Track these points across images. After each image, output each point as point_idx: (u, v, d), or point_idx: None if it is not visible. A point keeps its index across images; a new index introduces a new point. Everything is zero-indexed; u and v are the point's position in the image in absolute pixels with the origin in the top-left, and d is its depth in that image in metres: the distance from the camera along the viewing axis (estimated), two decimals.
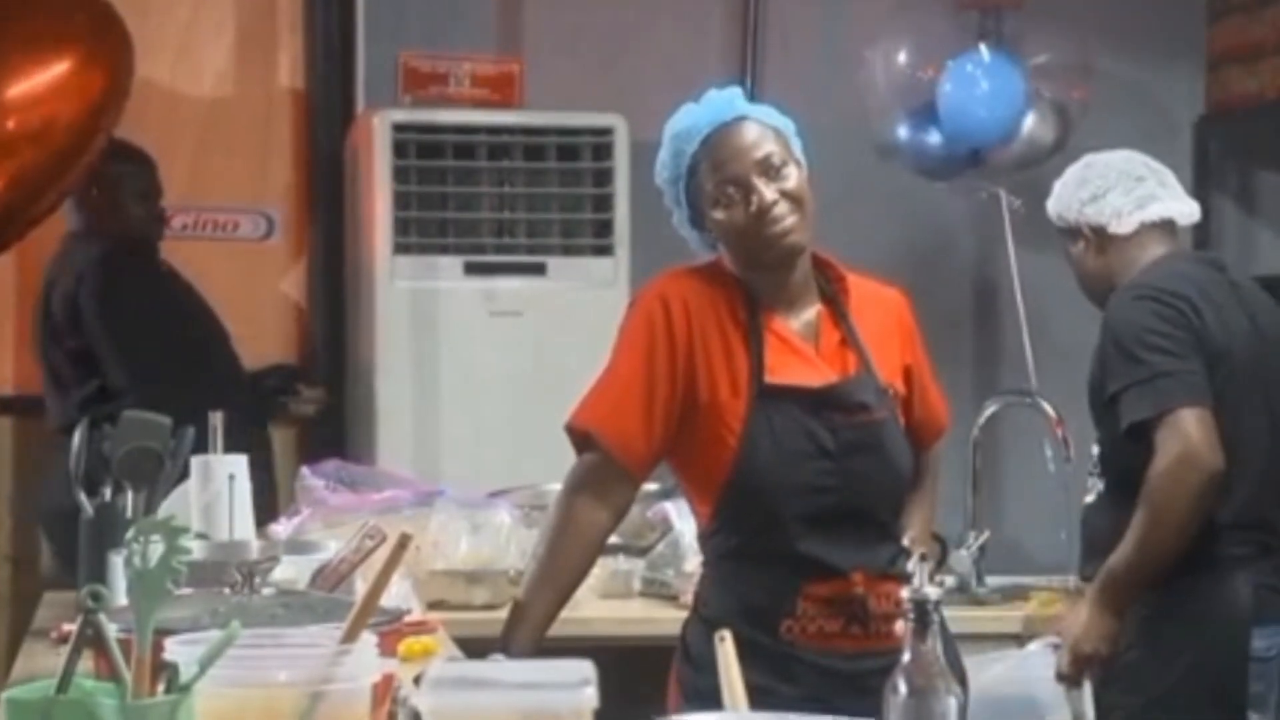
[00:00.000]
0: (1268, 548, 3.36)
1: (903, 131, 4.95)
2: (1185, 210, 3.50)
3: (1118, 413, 3.27)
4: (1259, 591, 3.32)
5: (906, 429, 2.86)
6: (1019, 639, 3.76)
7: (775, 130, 2.81)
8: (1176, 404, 3.20)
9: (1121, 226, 3.45)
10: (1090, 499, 3.48)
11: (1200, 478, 3.17)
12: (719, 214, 2.79)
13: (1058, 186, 3.56)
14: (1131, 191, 3.46)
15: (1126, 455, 3.28)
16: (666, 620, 2.98)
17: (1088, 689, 3.30)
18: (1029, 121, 4.89)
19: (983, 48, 4.80)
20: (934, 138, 4.92)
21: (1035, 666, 3.45)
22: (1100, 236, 3.47)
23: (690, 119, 2.83)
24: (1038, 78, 4.89)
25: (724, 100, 2.84)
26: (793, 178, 2.77)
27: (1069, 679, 3.30)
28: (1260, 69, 4.69)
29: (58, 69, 3.99)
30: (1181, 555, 3.22)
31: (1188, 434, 3.17)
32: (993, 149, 4.89)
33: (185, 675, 1.56)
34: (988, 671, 3.42)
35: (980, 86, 4.80)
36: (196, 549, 2.50)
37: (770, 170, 2.76)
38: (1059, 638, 3.36)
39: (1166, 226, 3.47)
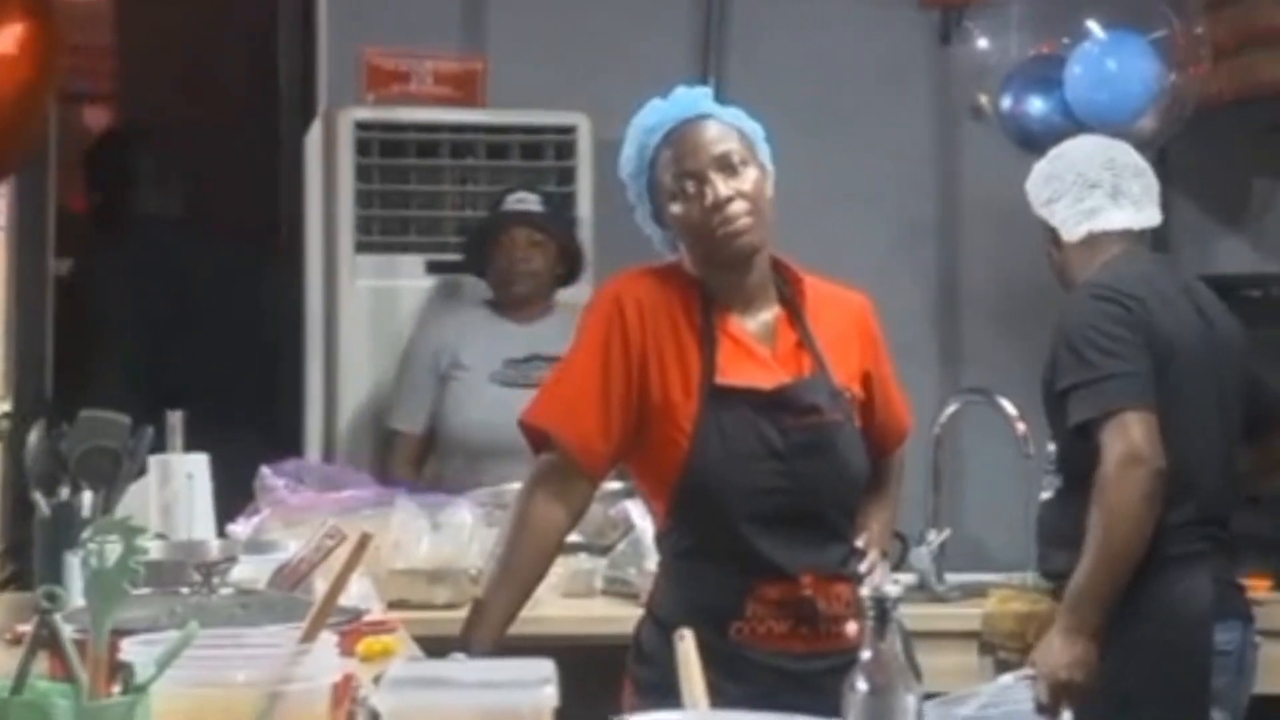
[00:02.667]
0: (1223, 543, 3.38)
1: (1006, 103, 4.82)
2: (1137, 219, 3.49)
3: (1066, 411, 3.30)
4: (1218, 587, 3.34)
5: (867, 433, 2.86)
6: (978, 636, 3.76)
7: (739, 131, 2.82)
8: (1121, 406, 3.23)
9: (1070, 235, 3.48)
10: (1047, 495, 3.49)
11: (1146, 477, 3.20)
12: (676, 208, 2.79)
13: (1032, 173, 3.57)
14: (1080, 201, 3.46)
15: (1080, 452, 3.30)
16: (628, 619, 2.97)
17: (1067, 718, 3.29)
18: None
19: (1092, 24, 4.68)
20: (1036, 110, 4.78)
21: (1012, 699, 3.40)
22: (1055, 235, 3.51)
23: (656, 115, 2.84)
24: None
25: (691, 98, 2.85)
26: (750, 179, 2.77)
27: (1048, 709, 3.29)
28: (1219, 70, 4.70)
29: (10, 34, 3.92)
30: (1140, 557, 3.23)
31: (1131, 435, 3.21)
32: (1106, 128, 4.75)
33: (142, 676, 1.55)
34: (964, 707, 3.39)
35: (1108, 66, 4.65)
36: (154, 549, 2.49)
37: (728, 168, 2.77)
38: (1033, 669, 3.34)
39: (1121, 230, 3.48)
